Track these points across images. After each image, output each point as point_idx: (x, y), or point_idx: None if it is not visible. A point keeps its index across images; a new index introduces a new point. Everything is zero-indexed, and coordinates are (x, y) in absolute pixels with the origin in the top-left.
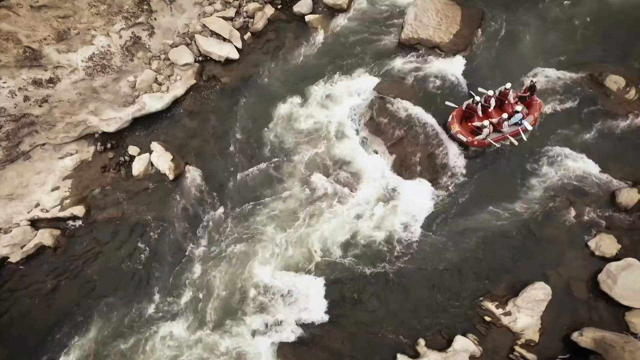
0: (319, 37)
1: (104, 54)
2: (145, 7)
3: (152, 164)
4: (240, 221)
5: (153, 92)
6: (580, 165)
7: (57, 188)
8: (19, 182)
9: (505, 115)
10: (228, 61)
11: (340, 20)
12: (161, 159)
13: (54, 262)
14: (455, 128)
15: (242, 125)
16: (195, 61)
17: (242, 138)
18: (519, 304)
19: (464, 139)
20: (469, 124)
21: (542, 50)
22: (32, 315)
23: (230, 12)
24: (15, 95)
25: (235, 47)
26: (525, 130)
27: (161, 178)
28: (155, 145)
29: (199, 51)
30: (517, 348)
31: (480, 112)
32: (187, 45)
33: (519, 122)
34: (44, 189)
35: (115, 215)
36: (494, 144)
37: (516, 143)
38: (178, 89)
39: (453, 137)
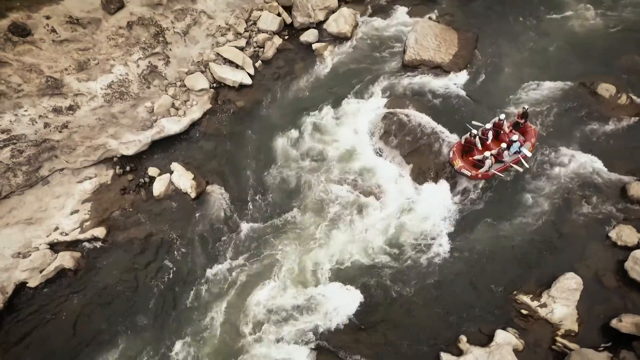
0: (327, 62)
1: (122, 82)
2: (161, 39)
3: (172, 184)
4: (266, 235)
5: (170, 116)
6: (588, 164)
7: (76, 211)
8: (37, 207)
9: (504, 145)
10: (242, 86)
11: (346, 47)
12: (182, 178)
13: (75, 285)
14: (459, 163)
15: (259, 145)
16: (211, 87)
17: (260, 156)
18: (554, 295)
19: (468, 174)
20: (470, 158)
21: (535, 65)
22: (53, 341)
23: (242, 42)
24: (36, 122)
25: (248, 73)
26: (525, 157)
27: (182, 197)
28: (175, 166)
29: (214, 78)
30: (558, 339)
31: (479, 145)
32: (202, 72)
33: (518, 150)
34: (63, 213)
35: (137, 236)
36: (498, 174)
37: (521, 170)
38: (195, 113)
39: (457, 172)
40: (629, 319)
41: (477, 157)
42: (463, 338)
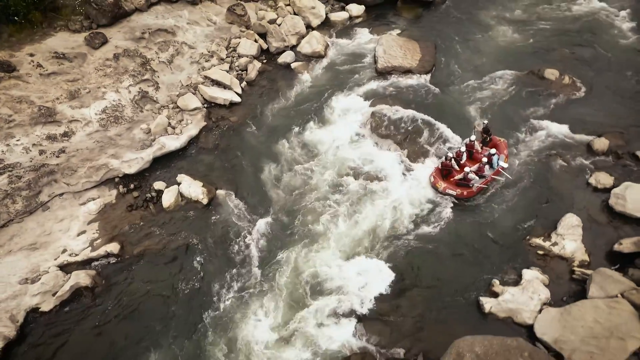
0: (307, 77)
1: (115, 107)
2: (148, 67)
3: (181, 195)
4: (284, 226)
5: (168, 134)
6: (556, 130)
7: (83, 232)
8: (40, 231)
9: (485, 160)
10: (232, 104)
11: (322, 64)
12: (192, 186)
13: (93, 304)
14: (442, 185)
15: (259, 150)
16: (203, 106)
17: (263, 160)
18: (561, 233)
19: (454, 193)
20: (451, 179)
21: (489, 62)
22: None
23: (225, 66)
24: (30, 150)
25: (236, 92)
26: (503, 169)
27: (194, 205)
28: (182, 177)
29: (204, 98)
30: (575, 269)
31: (456, 167)
32: (193, 93)
33: (496, 165)
34: (69, 235)
35: (152, 248)
36: (483, 186)
37: (503, 179)
38: (191, 130)
39: (442, 194)
40: (628, 241)
41: (458, 176)
42: (496, 282)
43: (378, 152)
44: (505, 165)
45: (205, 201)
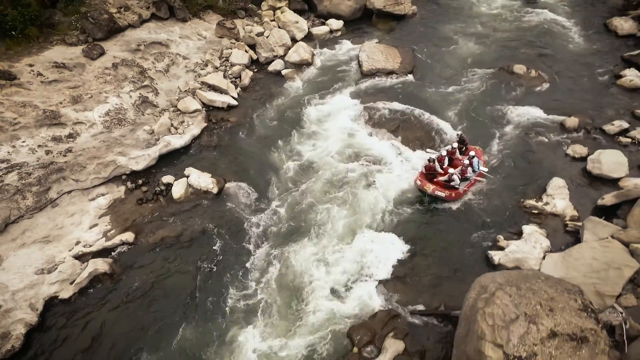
0: (298, 82)
1: (118, 110)
2: (146, 75)
3: (191, 187)
4: (294, 210)
5: (171, 134)
6: (532, 113)
7: (95, 225)
8: (52, 225)
9: (466, 162)
10: (230, 107)
11: (311, 70)
12: (202, 177)
13: (112, 291)
14: (430, 187)
15: (262, 145)
16: (202, 108)
17: (266, 153)
18: (551, 193)
19: (443, 194)
20: (436, 181)
21: (463, 62)
22: (95, 350)
23: (220, 74)
24: (36, 151)
25: (232, 97)
26: (484, 173)
27: (204, 195)
28: (190, 170)
29: (203, 102)
30: (568, 222)
31: (440, 169)
32: (192, 97)
33: (477, 168)
34: (81, 228)
35: (167, 236)
36: (467, 189)
37: (486, 180)
38: (194, 130)
39: (431, 196)
40: (609, 196)
41: (442, 178)
42: (500, 237)
43: (374, 140)
44: (485, 169)
45: (215, 190)
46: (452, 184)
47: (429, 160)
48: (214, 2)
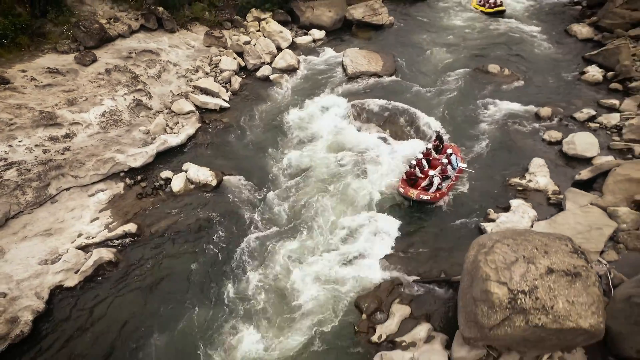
0: (286, 85)
1: (113, 112)
2: (139, 80)
3: (189, 181)
4: (292, 197)
5: (167, 134)
6: (510, 105)
7: (96, 219)
8: (53, 219)
9: (444, 160)
10: (222, 109)
11: (298, 75)
12: (200, 171)
13: (116, 278)
14: (414, 192)
15: (254, 144)
16: (196, 110)
17: (261, 149)
18: (532, 171)
19: (427, 198)
20: (419, 187)
21: (441, 64)
22: (102, 335)
23: (210, 79)
24: (33, 150)
25: (224, 99)
26: (464, 169)
27: (204, 188)
28: (188, 165)
29: (195, 105)
30: (550, 196)
31: (420, 174)
32: (185, 98)
33: (456, 165)
34: (82, 221)
35: (169, 226)
36: (451, 183)
37: (466, 175)
38: (189, 130)
39: (416, 201)
40: (585, 171)
41: (424, 183)
42: (490, 210)
43: (363, 134)
44: (464, 165)
45: (214, 183)
46: (435, 186)
47: (409, 166)
48: (201, 14)
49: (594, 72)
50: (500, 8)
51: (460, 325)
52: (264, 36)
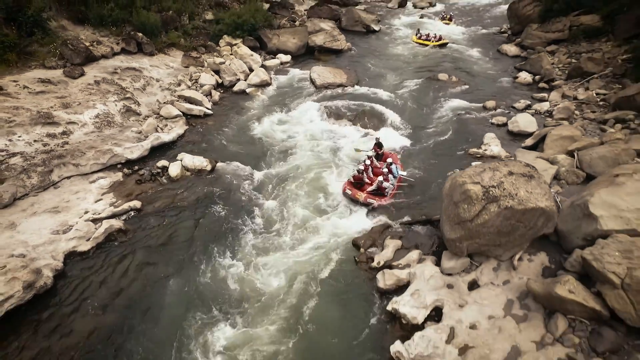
0: (262, 96)
1: (106, 115)
2: (127, 91)
3: (186, 169)
4: (279, 177)
5: (158, 132)
6: (461, 103)
7: (100, 200)
8: (59, 199)
9: (385, 170)
10: (206, 115)
11: (271, 88)
12: (195, 158)
13: (125, 245)
14: (362, 195)
15: (241, 139)
16: (182, 114)
17: (249, 144)
18: (487, 142)
19: (374, 202)
20: (365, 190)
21: (397, 77)
22: (116, 294)
23: (193, 90)
24: (32, 144)
25: (207, 107)
26: (404, 177)
27: (199, 173)
28: (183, 154)
29: (181, 111)
30: (503, 158)
31: (366, 179)
32: (172, 105)
33: (397, 173)
34: (87, 202)
35: (172, 202)
36: (395, 192)
37: (407, 184)
38: (178, 130)
39: (363, 204)
40: (528, 140)
41: (371, 188)
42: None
43: (337, 127)
44: (404, 173)
45: (209, 168)
46: (385, 190)
47: (357, 171)
48: (177, 41)
49: (525, 76)
50: (444, 41)
51: (445, 233)
52: (237, 58)
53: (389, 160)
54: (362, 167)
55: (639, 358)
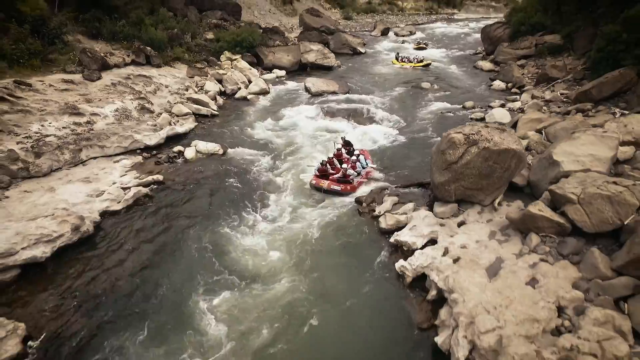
0: (263, 102)
1: (124, 109)
2: (141, 93)
3: (199, 153)
4: (282, 160)
5: (172, 125)
6: (443, 104)
7: (125, 175)
8: (89, 173)
9: (354, 158)
10: (213, 115)
11: (270, 95)
12: (208, 144)
13: (152, 208)
14: (325, 183)
15: (248, 132)
16: (192, 113)
17: (253, 136)
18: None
19: (338, 188)
20: (330, 179)
21: (384, 87)
22: (146, 248)
23: (200, 94)
24: (61, 130)
25: (213, 109)
26: (373, 168)
27: (212, 156)
28: (196, 141)
29: (190, 111)
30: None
31: (331, 170)
32: (182, 104)
33: (366, 164)
34: (114, 175)
35: (189, 176)
36: (363, 180)
37: (375, 174)
38: (190, 125)
39: (327, 192)
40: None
41: (337, 175)
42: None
43: (332, 122)
44: (374, 166)
45: (221, 152)
46: (350, 177)
47: (321, 164)
48: (181, 55)
49: (499, 84)
50: (426, 62)
51: (435, 180)
52: (237, 71)
53: (356, 152)
54: (325, 159)
55: (593, 252)
